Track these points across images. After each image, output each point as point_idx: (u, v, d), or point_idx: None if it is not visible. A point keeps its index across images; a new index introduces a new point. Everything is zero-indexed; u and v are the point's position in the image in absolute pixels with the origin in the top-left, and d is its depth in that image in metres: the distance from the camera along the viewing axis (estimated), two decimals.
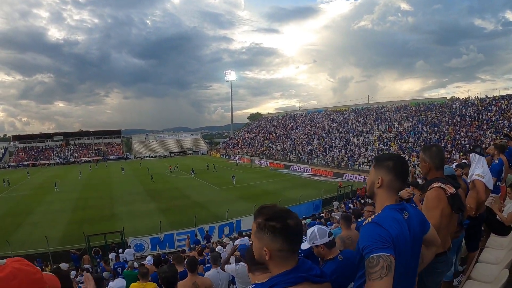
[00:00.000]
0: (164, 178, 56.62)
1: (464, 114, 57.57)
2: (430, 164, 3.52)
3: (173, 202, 37.12)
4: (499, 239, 6.38)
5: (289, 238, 1.82)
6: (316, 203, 31.92)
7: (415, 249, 2.41)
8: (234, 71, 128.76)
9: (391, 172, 2.45)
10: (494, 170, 7.17)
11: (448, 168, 5.46)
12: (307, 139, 77.79)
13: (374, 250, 2.08)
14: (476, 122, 53.46)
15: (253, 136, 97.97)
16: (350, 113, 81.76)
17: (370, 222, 2.29)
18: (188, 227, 25.27)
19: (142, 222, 28.88)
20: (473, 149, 6.10)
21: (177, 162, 79.12)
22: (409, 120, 65.18)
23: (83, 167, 79.20)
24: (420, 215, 2.60)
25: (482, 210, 5.73)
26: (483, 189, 5.43)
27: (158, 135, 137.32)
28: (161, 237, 23.62)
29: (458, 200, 3.37)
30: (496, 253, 5.87)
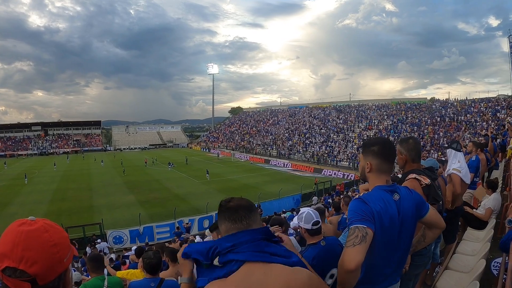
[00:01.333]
0: (144, 170, 56.15)
1: (443, 115, 58.69)
2: (407, 156, 3.57)
3: (152, 194, 36.93)
4: (475, 232, 6.57)
5: (227, 215, 1.88)
6: (296, 198, 32.08)
7: (404, 229, 2.49)
8: (216, 65, 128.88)
9: (378, 156, 2.59)
10: (472, 167, 7.38)
11: (431, 160, 5.61)
12: (287, 134, 77.98)
13: (353, 222, 2.30)
14: (455, 123, 54.56)
15: (234, 130, 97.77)
16: (331, 110, 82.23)
17: (356, 198, 2.50)
18: (168, 219, 25.15)
19: (121, 214, 28.72)
20: (450, 144, 6.23)
21: (157, 154, 78.65)
22: (389, 119, 66.03)
23: (60, 158, 78.04)
24: (416, 198, 2.67)
25: (459, 203, 5.88)
26: (459, 183, 5.58)
27: (138, 127, 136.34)
28: (140, 229, 23.45)
29: (433, 191, 3.44)
30: (473, 245, 6.05)
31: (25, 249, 1.23)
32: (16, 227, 1.31)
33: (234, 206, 1.89)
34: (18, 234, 1.27)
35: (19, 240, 1.25)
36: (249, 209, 1.90)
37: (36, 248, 1.25)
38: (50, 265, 1.27)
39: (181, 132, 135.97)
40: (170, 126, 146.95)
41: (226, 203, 1.94)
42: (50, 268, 1.27)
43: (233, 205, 1.90)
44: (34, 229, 1.29)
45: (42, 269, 1.24)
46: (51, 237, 1.30)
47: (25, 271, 1.21)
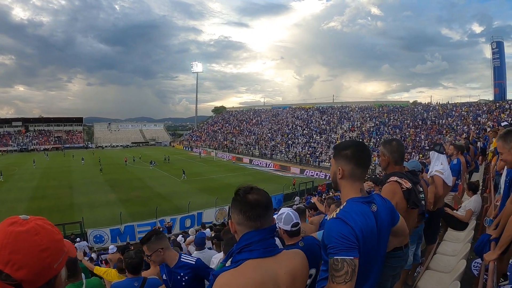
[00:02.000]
0: (125, 168, 55.70)
1: (425, 118, 59.56)
2: (389, 158, 3.54)
3: (134, 193, 36.69)
4: (456, 233, 6.66)
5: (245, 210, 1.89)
6: (278, 198, 32.11)
7: (382, 240, 2.42)
8: (201, 63, 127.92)
9: (351, 161, 2.38)
10: (454, 170, 7.47)
11: (414, 161, 5.66)
12: (270, 135, 78.14)
13: (338, 252, 2.11)
14: (437, 126, 55.36)
15: (217, 129, 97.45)
16: (315, 111, 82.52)
17: (334, 218, 2.26)
18: (149, 218, 24.96)
19: (102, 213, 28.46)
20: (433, 147, 6.30)
21: (139, 153, 77.98)
22: (372, 121, 66.61)
23: (40, 155, 76.41)
24: (389, 206, 2.61)
25: (440, 205, 5.96)
26: (441, 185, 5.66)
27: (120, 124, 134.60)
28: (121, 228, 23.21)
29: (414, 196, 3.42)
30: (454, 245, 6.14)
31: (13, 252, 1.18)
32: (6, 227, 1.24)
33: (253, 202, 1.88)
34: (7, 235, 1.21)
35: (7, 241, 1.19)
36: (267, 207, 1.92)
37: (25, 251, 1.19)
38: (38, 270, 1.22)
39: (164, 130, 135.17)
40: (153, 124, 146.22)
41: (245, 195, 1.91)
42: (38, 274, 1.22)
43: (252, 200, 1.88)
44: (25, 230, 1.24)
45: (29, 274, 1.19)
46: (41, 241, 1.24)
47: (10, 275, 1.16)
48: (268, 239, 1.89)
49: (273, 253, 1.88)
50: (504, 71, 64.46)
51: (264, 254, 1.84)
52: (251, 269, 1.78)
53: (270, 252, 1.87)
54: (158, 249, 3.53)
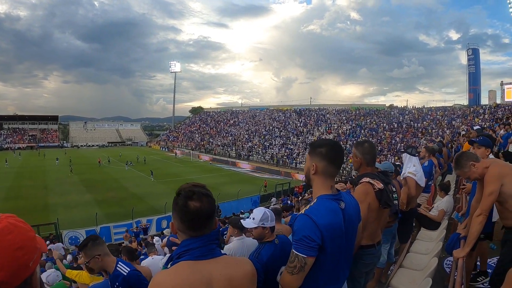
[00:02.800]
0: (101, 169, 55.16)
1: (401, 121, 60.66)
2: (362, 159, 3.60)
3: (110, 193, 36.38)
4: (429, 232, 6.82)
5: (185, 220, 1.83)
6: (255, 199, 32.21)
7: (349, 236, 2.53)
8: (179, 63, 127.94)
9: (325, 158, 2.49)
10: (425, 171, 7.66)
11: (386, 163, 5.81)
12: (247, 136, 78.22)
13: (296, 248, 2.32)
14: (412, 130, 56.34)
15: (194, 130, 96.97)
16: (292, 113, 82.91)
17: (303, 214, 2.40)
18: (125, 219, 24.78)
19: (78, 214, 28.06)
20: (405, 149, 6.47)
21: (115, 153, 77.08)
22: (348, 123, 67.34)
23: (12, 154, 74.80)
24: (357, 204, 2.77)
25: (413, 205, 6.13)
26: (414, 186, 5.83)
27: (96, 123, 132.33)
28: (97, 229, 22.89)
29: (385, 196, 3.49)
30: (426, 244, 6.29)
31: None
32: None
33: (194, 211, 1.79)
34: None
35: None
36: (208, 216, 1.84)
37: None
38: (15, 270, 1.18)
39: (140, 130, 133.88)
40: (130, 123, 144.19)
41: (185, 202, 1.80)
42: (15, 274, 1.18)
43: (192, 209, 1.79)
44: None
45: (6, 275, 1.15)
46: (15, 239, 1.20)
47: None
48: (207, 245, 1.85)
49: (209, 256, 1.84)
50: (479, 77, 66.10)
51: (200, 257, 1.81)
52: (184, 269, 1.76)
53: (206, 255, 1.83)
54: (95, 255, 3.37)
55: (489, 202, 3.60)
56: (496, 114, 47.71)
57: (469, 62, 66.20)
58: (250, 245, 4.46)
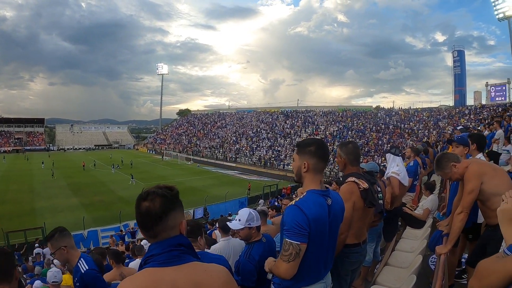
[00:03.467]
0: (88, 172, 54.63)
1: (387, 123, 61.11)
2: (346, 159, 3.67)
3: (97, 197, 36.15)
4: (414, 231, 6.92)
5: (137, 220, 1.82)
6: (242, 201, 32.24)
7: (332, 231, 2.72)
8: (166, 65, 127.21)
9: (315, 155, 2.69)
10: (410, 171, 7.78)
11: (372, 163, 5.89)
12: (235, 138, 78.17)
13: (289, 236, 2.47)
14: (398, 131, 56.81)
15: (181, 132, 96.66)
16: (279, 115, 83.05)
17: (292, 205, 2.58)
18: (113, 223, 24.66)
19: (65, 218, 27.56)
20: (389, 149, 6.57)
21: (102, 156, 76.59)
22: (335, 125, 67.72)
23: None
24: (342, 204, 2.91)
25: (398, 204, 6.22)
26: (397, 185, 5.94)
27: (83, 126, 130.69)
28: (84, 234, 22.86)
29: (370, 195, 3.60)
30: (411, 242, 6.38)
31: None
32: None
33: (143, 211, 1.78)
34: None
35: None
36: (157, 217, 1.77)
37: None
38: None
39: (127, 133, 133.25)
40: (117, 126, 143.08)
41: (139, 202, 1.81)
42: None
43: (142, 209, 1.78)
44: None
45: None
46: None
47: None
48: (169, 252, 1.79)
49: (174, 263, 1.76)
50: (464, 78, 67.11)
51: (164, 264, 1.75)
52: (146, 276, 1.73)
53: (170, 262, 1.76)
54: (61, 246, 3.34)
55: (469, 200, 3.69)
56: (481, 114, 48.26)
57: (454, 64, 67.10)
58: (237, 245, 4.48)
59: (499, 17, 59.14)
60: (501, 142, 10.47)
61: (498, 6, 58.55)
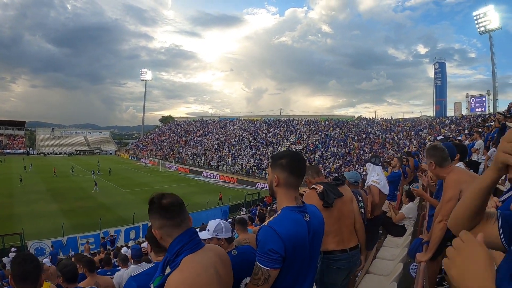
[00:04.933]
0: (69, 177, 53.74)
1: (369, 132, 61.61)
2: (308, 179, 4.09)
3: (77, 203, 35.55)
4: (395, 239, 7.01)
5: (163, 213, 2.07)
6: (224, 209, 32.18)
7: (314, 249, 2.57)
8: (150, 71, 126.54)
9: (285, 169, 2.50)
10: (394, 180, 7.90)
11: (354, 172, 5.99)
12: (217, 146, 77.98)
13: (260, 261, 2.33)
14: (380, 140, 57.28)
15: (164, 139, 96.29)
16: (262, 124, 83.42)
17: (265, 225, 2.42)
18: (93, 230, 24.30)
19: (44, 224, 27.23)
20: (369, 159, 6.66)
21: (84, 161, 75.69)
22: (317, 134, 68.04)
23: None
24: (322, 217, 2.75)
25: (378, 212, 6.30)
26: (377, 193, 6.02)
27: (64, 130, 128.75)
28: (63, 240, 22.46)
29: (326, 196, 3.77)
30: (392, 250, 6.45)
31: None
32: None
33: (168, 204, 2.05)
34: None
35: None
36: (180, 206, 2.12)
37: None
38: None
39: (109, 138, 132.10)
40: (98, 131, 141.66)
41: (159, 200, 2.07)
42: None
43: (166, 204, 2.05)
44: None
45: None
46: None
47: None
48: (194, 239, 2.11)
49: (200, 247, 2.11)
50: (445, 89, 68.64)
51: (195, 249, 2.06)
52: (193, 261, 2.00)
53: (198, 247, 2.10)
54: None
55: (448, 208, 3.73)
56: (462, 125, 49.04)
57: (436, 75, 68.54)
58: None
59: (481, 30, 60.74)
60: (480, 151, 10.69)
61: (480, 20, 60.17)
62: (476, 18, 61.23)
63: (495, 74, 60.73)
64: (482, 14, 60.24)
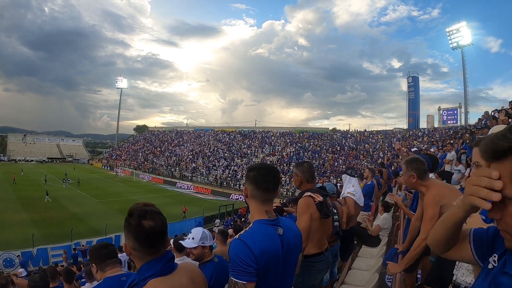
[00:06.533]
0: (40, 186, 52.07)
1: (343, 144, 62.64)
2: (302, 177, 4.01)
3: (47, 212, 34.72)
4: (370, 249, 7.08)
5: (140, 239, 1.92)
6: (199, 220, 31.96)
7: (288, 263, 2.48)
8: (126, 79, 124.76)
9: (252, 182, 2.48)
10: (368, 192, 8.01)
11: (330, 184, 6.10)
12: (191, 156, 77.72)
13: (234, 275, 2.23)
14: (354, 152, 58.11)
15: (138, 149, 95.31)
16: (237, 135, 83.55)
17: (236, 239, 2.35)
18: (64, 241, 23.81)
19: (13, 234, 26.51)
20: (345, 170, 6.75)
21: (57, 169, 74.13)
22: (292, 146, 68.70)
23: None
24: (298, 231, 2.72)
25: (353, 224, 6.38)
26: (353, 205, 6.11)
27: (37, 137, 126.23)
28: (33, 251, 21.86)
29: (325, 207, 3.84)
30: (367, 261, 6.51)
31: None
32: None
33: (148, 230, 1.89)
34: None
35: None
36: (162, 234, 1.96)
37: None
38: None
39: (82, 146, 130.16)
40: (71, 139, 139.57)
41: (139, 220, 1.90)
42: None
43: (147, 228, 1.89)
44: None
45: None
46: None
47: None
48: (169, 264, 2.01)
49: (173, 270, 2.03)
50: (418, 102, 70.57)
51: (166, 273, 1.97)
52: (158, 285, 1.88)
53: (171, 270, 2.01)
54: None
55: (431, 226, 3.75)
56: (434, 136, 49.97)
57: (409, 89, 70.18)
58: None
59: (453, 46, 62.45)
60: (453, 163, 10.92)
61: (453, 36, 61.93)
62: (449, 34, 63.10)
63: (467, 88, 62.39)
64: (455, 30, 62.09)
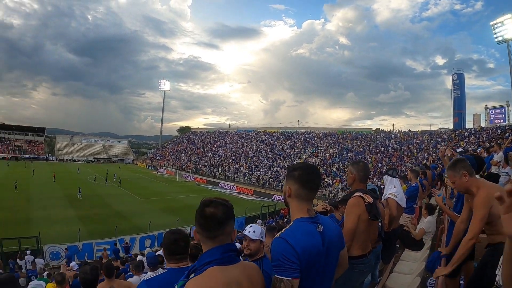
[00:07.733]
0: (87, 184, 53.43)
1: (387, 145, 61.26)
2: (356, 176, 3.96)
3: (93, 210, 35.83)
4: (413, 253, 6.89)
5: (200, 223, 2.09)
6: (240, 221, 32.03)
7: (330, 259, 2.49)
8: (169, 82, 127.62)
9: (297, 181, 2.48)
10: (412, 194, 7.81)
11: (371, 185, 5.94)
12: (234, 157, 78.21)
13: (278, 272, 2.23)
14: (398, 153, 56.78)
15: (181, 149, 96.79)
16: (279, 136, 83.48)
17: (278, 237, 2.34)
18: (108, 237, 24.37)
19: (60, 229, 27.46)
20: (386, 171, 6.59)
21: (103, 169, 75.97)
22: (335, 147, 67.88)
23: None
24: (338, 229, 2.75)
25: (395, 225, 6.20)
26: (395, 206, 5.94)
27: (83, 138, 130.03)
28: (79, 246, 22.54)
29: (374, 209, 3.78)
30: (410, 265, 6.34)
31: None
32: None
33: (208, 215, 2.05)
34: None
35: None
36: (221, 221, 2.05)
37: None
38: None
39: (127, 147, 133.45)
40: (117, 140, 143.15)
41: (203, 208, 2.09)
42: None
43: (207, 214, 2.05)
44: None
45: None
46: None
47: None
48: (229, 255, 2.08)
49: (233, 262, 2.07)
50: (464, 101, 67.87)
51: (225, 263, 2.02)
52: (216, 273, 1.96)
53: (231, 261, 2.06)
54: None
55: (480, 227, 3.66)
56: (481, 137, 48.59)
57: (454, 87, 67.92)
58: None
59: (498, 40, 59.68)
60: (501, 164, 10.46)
61: (497, 30, 59.17)
62: (493, 27, 60.23)
63: None
64: (499, 24, 59.24)
